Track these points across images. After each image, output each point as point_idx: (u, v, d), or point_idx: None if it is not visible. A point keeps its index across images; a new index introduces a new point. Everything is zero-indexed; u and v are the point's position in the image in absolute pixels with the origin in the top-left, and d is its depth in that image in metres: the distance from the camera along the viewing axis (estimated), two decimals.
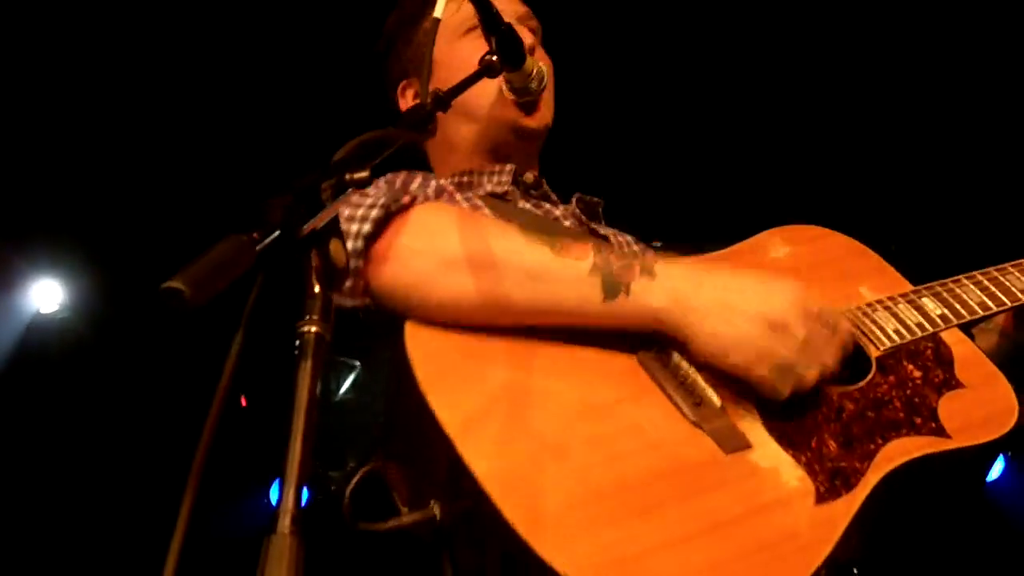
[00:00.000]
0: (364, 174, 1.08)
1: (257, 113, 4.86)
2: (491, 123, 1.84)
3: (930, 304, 1.64)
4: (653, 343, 1.45)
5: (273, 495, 5.91)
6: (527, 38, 1.79)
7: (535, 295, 1.39)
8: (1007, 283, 1.72)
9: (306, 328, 1.02)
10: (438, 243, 1.39)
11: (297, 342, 1.01)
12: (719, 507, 1.33)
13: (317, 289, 1.04)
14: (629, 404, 1.41)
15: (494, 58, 1.51)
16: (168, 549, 1.00)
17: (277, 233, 1.01)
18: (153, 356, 5.79)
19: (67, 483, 5.86)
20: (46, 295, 5.75)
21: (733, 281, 1.44)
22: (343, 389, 2.68)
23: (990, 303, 1.68)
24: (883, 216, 5.33)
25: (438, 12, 1.46)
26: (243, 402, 5.51)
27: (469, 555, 1.31)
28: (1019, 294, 1.71)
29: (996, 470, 6.15)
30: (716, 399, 1.42)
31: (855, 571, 1.65)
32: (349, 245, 1.33)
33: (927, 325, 1.61)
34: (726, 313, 1.40)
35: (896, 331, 1.58)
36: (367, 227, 1.40)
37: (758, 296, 1.42)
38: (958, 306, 1.64)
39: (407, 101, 2.00)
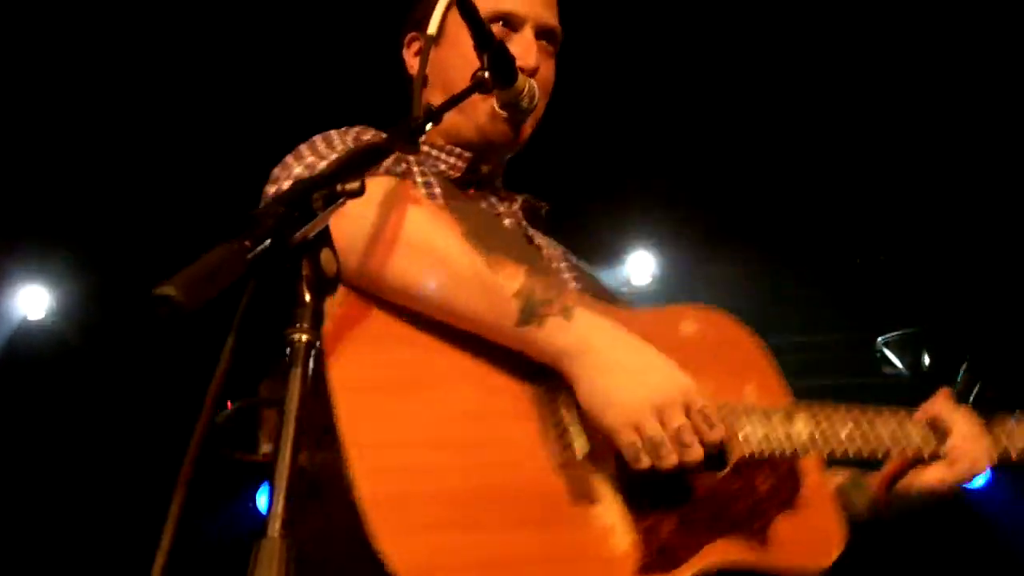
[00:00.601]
0: (355, 184, 1.09)
1: (247, 120, 4.86)
2: (473, 124, 1.83)
3: (801, 424, 1.69)
4: (552, 375, 1.50)
5: (260, 499, 5.90)
6: (530, 58, 1.80)
7: (455, 298, 1.45)
8: (878, 426, 1.80)
9: (297, 336, 1.03)
10: (381, 216, 1.43)
11: (288, 349, 1.03)
12: (538, 546, 1.40)
13: (308, 297, 1.05)
14: (510, 422, 1.47)
15: (486, 75, 1.53)
16: (156, 554, 1.01)
17: (268, 242, 1.02)
18: (141, 362, 5.77)
19: (55, 489, 5.84)
20: (33, 301, 5.72)
21: (640, 354, 1.51)
22: None
23: (856, 442, 1.75)
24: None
25: (432, 29, 1.47)
26: (229, 407, 5.50)
27: (316, 510, 1.32)
28: (882, 441, 1.79)
29: (979, 479, 6.15)
30: (582, 448, 1.48)
31: None
32: None
33: (792, 444, 1.66)
34: (620, 377, 1.47)
35: (763, 440, 1.63)
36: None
37: (656, 375, 1.49)
38: (828, 435, 1.71)
39: (410, 54, 1.97)
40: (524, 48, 1.79)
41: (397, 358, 1.43)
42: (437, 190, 1.73)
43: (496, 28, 1.78)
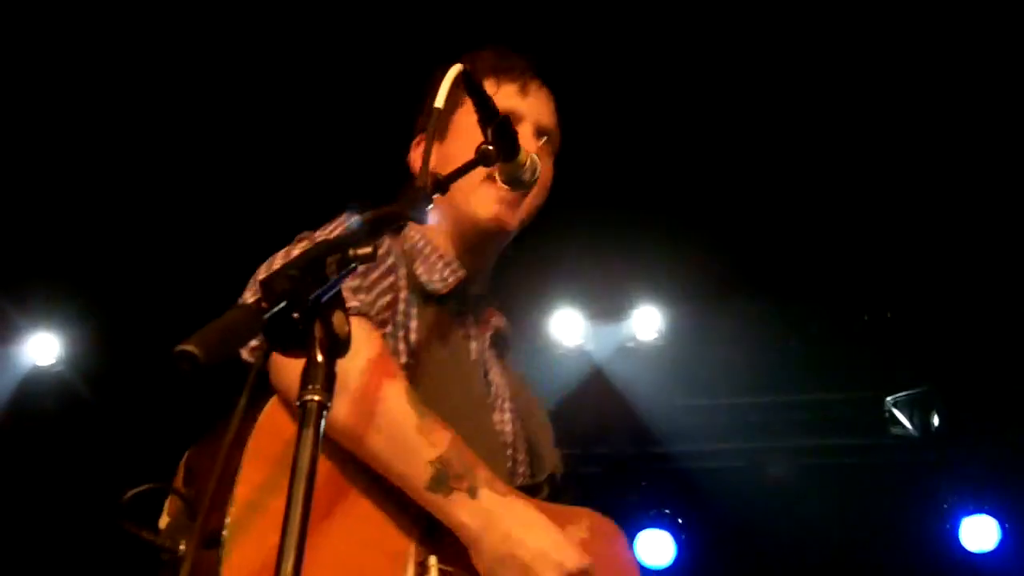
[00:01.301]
0: (367, 250, 1.13)
1: (254, 177, 4.93)
2: (470, 215, 1.92)
3: None
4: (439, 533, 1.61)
5: None
6: (530, 148, 1.84)
7: (378, 448, 1.58)
8: None
9: (309, 397, 1.06)
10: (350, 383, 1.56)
11: (301, 411, 1.05)
12: None
13: (320, 359, 1.08)
14: (382, 561, 1.56)
15: (490, 148, 1.58)
16: None
17: (284, 304, 1.05)
18: (150, 412, 5.78)
19: (62, 538, 5.81)
20: (42, 348, 5.73)
21: (535, 536, 1.61)
22: None
23: None
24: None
25: (439, 102, 1.52)
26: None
27: None
28: None
29: (992, 540, 6.09)
30: None
31: None
32: None
33: None
34: (511, 566, 1.58)
35: None
36: None
37: (547, 563, 1.59)
38: None
39: (416, 155, 2.05)
40: (524, 141, 1.82)
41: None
42: (413, 323, 1.81)
43: None
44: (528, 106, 1.96)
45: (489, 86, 1.83)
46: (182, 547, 1.49)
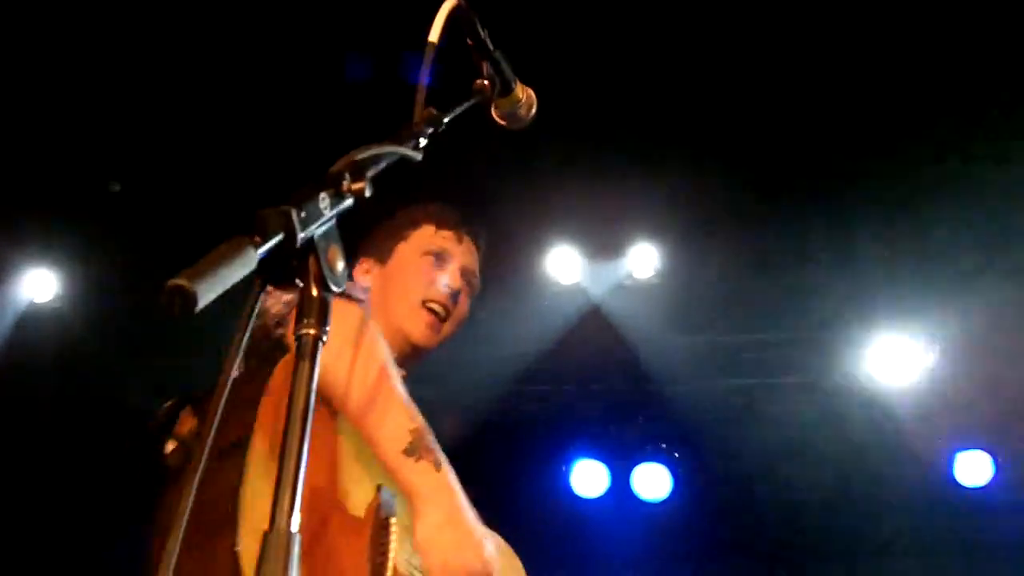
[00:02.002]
0: (362, 185, 1.12)
1: (255, 113, 4.89)
2: (396, 330, 2.20)
3: None
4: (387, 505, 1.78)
5: None
6: (455, 283, 2.26)
7: (371, 408, 1.78)
8: None
9: (304, 331, 1.06)
10: (360, 356, 1.81)
11: (296, 344, 1.05)
12: None
13: (315, 293, 1.08)
14: (356, 539, 1.72)
15: (485, 83, 1.56)
16: (162, 544, 1.03)
17: (279, 238, 1.05)
18: (147, 347, 5.80)
19: (59, 475, 5.87)
20: (40, 285, 5.72)
21: (473, 527, 1.80)
22: None
23: None
24: None
25: (433, 36, 1.50)
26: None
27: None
28: None
29: (985, 475, 6.17)
30: None
31: None
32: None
33: None
34: (453, 536, 1.76)
35: None
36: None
37: (478, 550, 1.78)
38: None
39: (359, 272, 2.34)
40: (451, 276, 2.27)
41: (313, 464, 1.70)
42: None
43: (428, 260, 2.26)
44: (460, 252, 2.32)
45: (429, 230, 2.29)
46: None
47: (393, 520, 1.73)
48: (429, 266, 2.25)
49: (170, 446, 1.84)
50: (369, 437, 1.78)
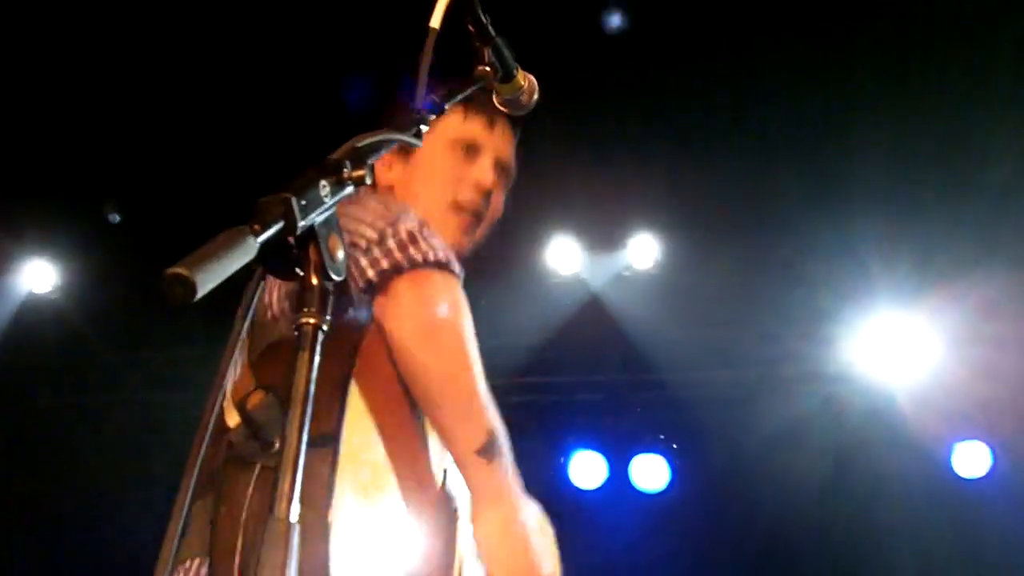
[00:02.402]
0: (362, 172, 1.11)
1: (254, 103, 4.88)
2: (434, 198, 1.98)
3: None
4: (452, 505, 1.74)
5: None
6: (488, 179, 2.00)
7: (449, 400, 1.67)
8: None
9: (305, 320, 1.05)
10: (447, 339, 1.66)
11: (296, 333, 1.05)
12: None
13: (315, 282, 1.07)
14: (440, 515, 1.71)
15: (487, 69, 1.56)
16: (163, 532, 1.03)
17: (279, 227, 1.04)
18: (145, 339, 5.80)
19: (58, 465, 5.88)
20: (39, 276, 5.72)
21: (536, 534, 1.77)
22: None
23: None
24: None
25: (435, 22, 1.49)
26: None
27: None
28: None
29: (983, 466, 6.17)
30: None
31: None
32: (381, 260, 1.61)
33: None
34: (516, 545, 1.72)
35: None
36: (419, 257, 1.62)
37: (545, 559, 1.78)
38: None
39: (381, 169, 2.09)
40: (483, 171, 1.99)
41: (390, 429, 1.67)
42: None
43: (456, 152, 2.00)
44: (492, 140, 2.04)
45: (456, 116, 1.98)
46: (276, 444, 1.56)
47: (459, 513, 1.72)
48: (458, 160, 1.99)
49: (232, 420, 1.66)
50: (443, 428, 1.69)
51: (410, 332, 1.61)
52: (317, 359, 1.05)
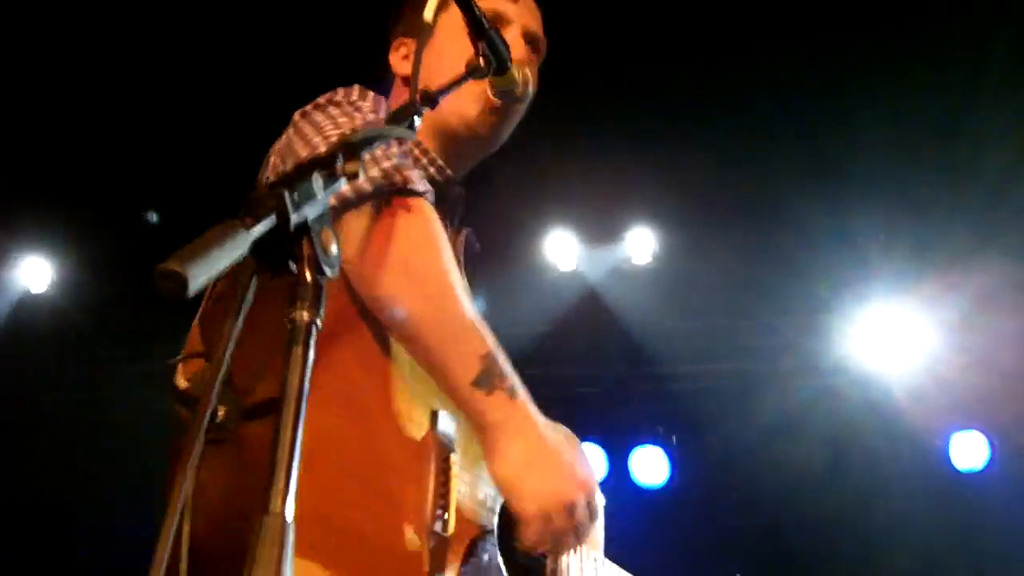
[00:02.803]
0: (356, 166, 1.11)
1: (248, 98, 4.86)
2: (460, 116, 1.84)
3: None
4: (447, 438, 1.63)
5: None
6: (519, 51, 1.83)
7: (432, 335, 1.55)
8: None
9: (298, 315, 1.04)
10: (415, 261, 1.55)
11: (289, 328, 1.04)
12: None
13: (309, 277, 1.06)
14: (415, 464, 1.58)
15: (481, 61, 1.56)
16: (157, 531, 1.03)
17: (271, 220, 1.03)
18: (141, 336, 5.79)
19: (54, 464, 5.87)
20: (35, 273, 5.71)
21: (557, 453, 1.62)
22: None
23: None
24: None
25: (428, 17, 1.48)
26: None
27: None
28: None
29: (980, 456, 6.17)
30: (452, 524, 1.59)
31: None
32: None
33: None
34: (540, 469, 1.58)
35: None
36: (368, 187, 1.51)
37: (569, 473, 1.61)
38: None
39: (397, 58, 1.99)
40: (512, 43, 1.76)
41: (363, 377, 1.58)
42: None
43: None
44: (518, 11, 1.92)
45: None
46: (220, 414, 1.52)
47: (454, 459, 1.61)
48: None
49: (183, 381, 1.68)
50: (429, 364, 1.56)
51: (371, 264, 1.52)
52: (311, 355, 1.04)
